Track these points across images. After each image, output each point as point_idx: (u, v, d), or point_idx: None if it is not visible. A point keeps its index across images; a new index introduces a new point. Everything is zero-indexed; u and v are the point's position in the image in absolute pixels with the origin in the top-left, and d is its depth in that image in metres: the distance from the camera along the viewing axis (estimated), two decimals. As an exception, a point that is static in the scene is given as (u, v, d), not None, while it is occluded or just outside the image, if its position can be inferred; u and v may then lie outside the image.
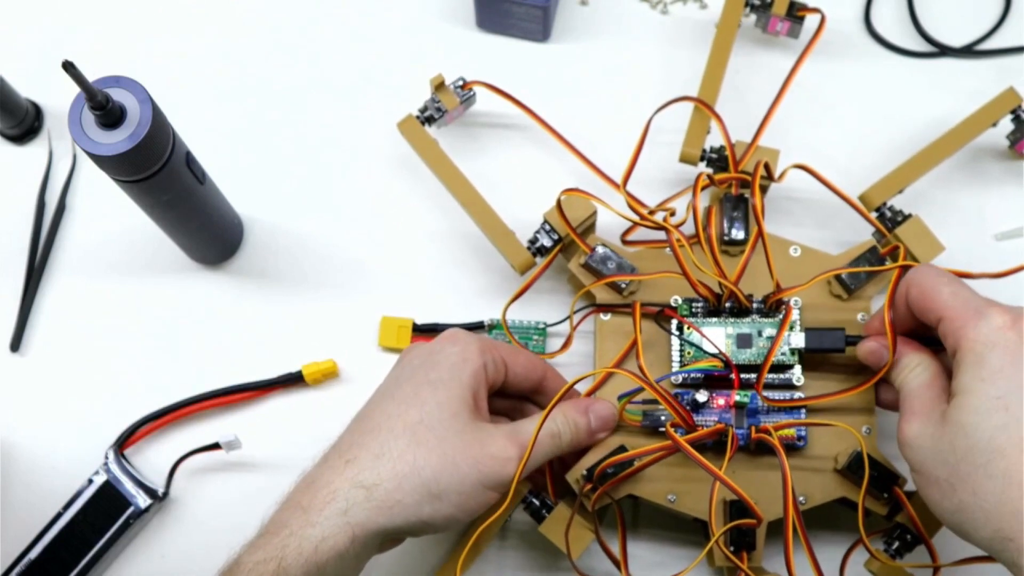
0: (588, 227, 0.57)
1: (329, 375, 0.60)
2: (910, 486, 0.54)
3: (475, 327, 0.60)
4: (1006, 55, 0.66)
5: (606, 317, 0.57)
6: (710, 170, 0.59)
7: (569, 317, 0.58)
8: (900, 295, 0.50)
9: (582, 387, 0.55)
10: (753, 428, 0.53)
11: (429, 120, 0.61)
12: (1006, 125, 0.61)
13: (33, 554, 0.56)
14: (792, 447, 0.54)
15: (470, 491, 0.47)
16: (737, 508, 0.52)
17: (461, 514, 0.47)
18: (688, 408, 0.53)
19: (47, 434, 0.60)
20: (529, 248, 0.57)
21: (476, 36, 0.67)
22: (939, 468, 0.45)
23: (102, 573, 0.58)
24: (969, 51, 0.66)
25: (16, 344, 0.61)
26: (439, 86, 0.60)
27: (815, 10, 0.62)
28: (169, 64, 0.66)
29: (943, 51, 0.66)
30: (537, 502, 0.54)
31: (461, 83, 0.61)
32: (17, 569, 0.56)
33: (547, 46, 0.67)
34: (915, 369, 0.49)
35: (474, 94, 0.62)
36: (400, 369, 0.50)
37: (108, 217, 0.63)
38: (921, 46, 0.67)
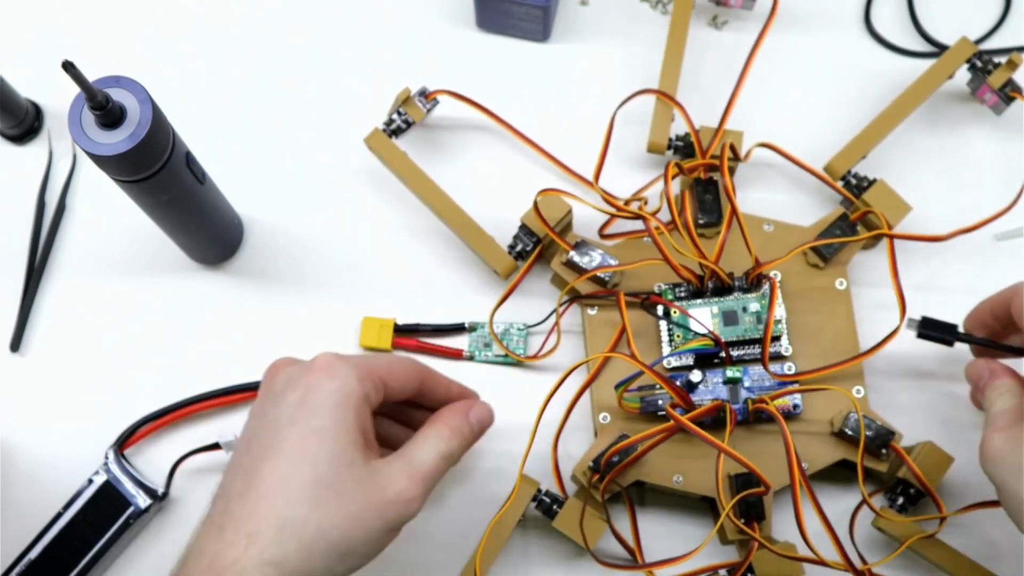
0: (565, 225, 0.58)
1: None
2: (907, 441, 0.55)
3: (456, 328, 0.60)
4: (1006, 55, 0.66)
5: (593, 311, 0.58)
6: (677, 157, 0.61)
7: (555, 310, 0.58)
8: (1003, 299, 0.51)
9: (578, 377, 0.55)
10: (749, 401, 0.54)
11: (396, 132, 0.61)
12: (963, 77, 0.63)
13: (33, 554, 0.56)
14: (788, 415, 0.55)
15: (378, 539, 0.45)
16: (742, 481, 0.53)
17: (370, 560, 0.46)
18: (684, 389, 0.54)
19: (47, 434, 0.60)
20: (510, 252, 0.58)
21: (476, 36, 0.67)
22: (1021, 484, 0.46)
23: (102, 573, 0.58)
24: (969, 51, 0.66)
25: (16, 344, 0.61)
26: (406, 99, 0.60)
27: None
28: (169, 64, 0.66)
29: (943, 51, 0.66)
30: (548, 499, 0.54)
31: (425, 93, 0.61)
32: (17, 569, 0.56)
33: (547, 46, 0.67)
34: (1004, 393, 0.50)
35: (438, 102, 0.62)
36: (276, 409, 0.46)
37: (108, 217, 0.63)
38: (921, 46, 0.67)
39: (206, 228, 0.58)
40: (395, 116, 0.61)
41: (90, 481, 0.57)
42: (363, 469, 0.45)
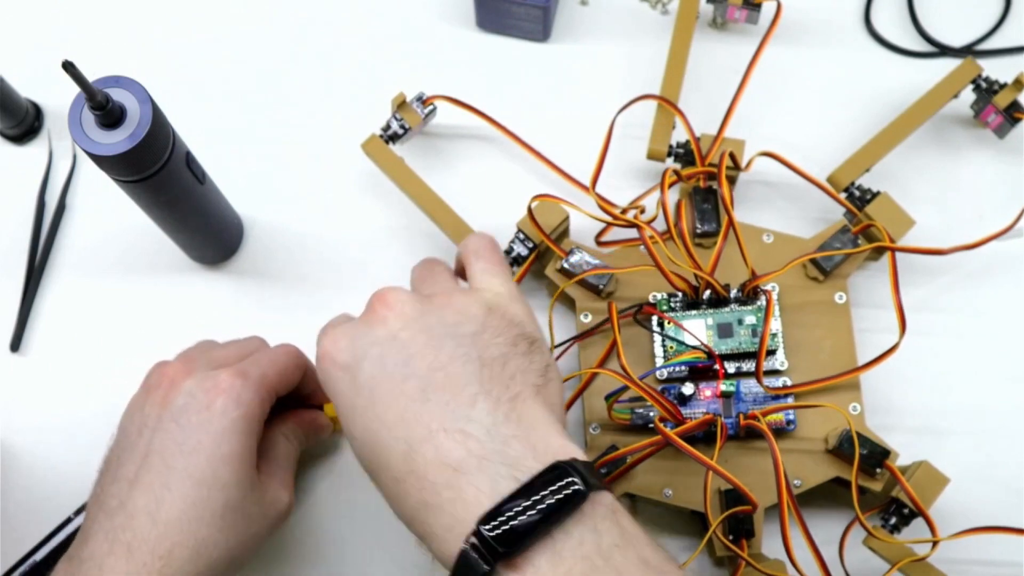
0: (562, 232, 0.58)
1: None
2: (903, 460, 0.54)
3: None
4: (1006, 55, 0.66)
5: (586, 319, 0.57)
6: (678, 165, 0.60)
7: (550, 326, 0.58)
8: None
9: (568, 388, 0.54)
10: (741, 415, 0.53)
11: (393, 138, 0.61)
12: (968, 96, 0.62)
13: (39, 556, 0.56)
14: (782, 431, 0.54)
15: (263, 543, 0.50)
16: (733, 496, 0.52)
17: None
18: (675, 402, 0.53)
19: (47, 434, 0.60)
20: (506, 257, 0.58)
21: (476, 36, 0.67)
22: None
23: (102, 573, 0.58)
24: (969, 51, 0.66)
25: (16, 344, 0.61)
26: (401, 104, 0.60)
27: None
28: (169, 64, 0.66)
29: (943, 51, 0.66)
30: None
31: (422, 98, 0.61)
32: (20, 570, 0.56)
33: (547, 46, 0.67)
34: None
35: (435, 107, 0.62)
36: (178, 428, 0.48)
37: (108, 217, 0.63)
38: (921, 46, 0.67)
39: (206, 228, 0.58)
40: (392, 122, 0.61)
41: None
42: (259, 490, 0.49)
